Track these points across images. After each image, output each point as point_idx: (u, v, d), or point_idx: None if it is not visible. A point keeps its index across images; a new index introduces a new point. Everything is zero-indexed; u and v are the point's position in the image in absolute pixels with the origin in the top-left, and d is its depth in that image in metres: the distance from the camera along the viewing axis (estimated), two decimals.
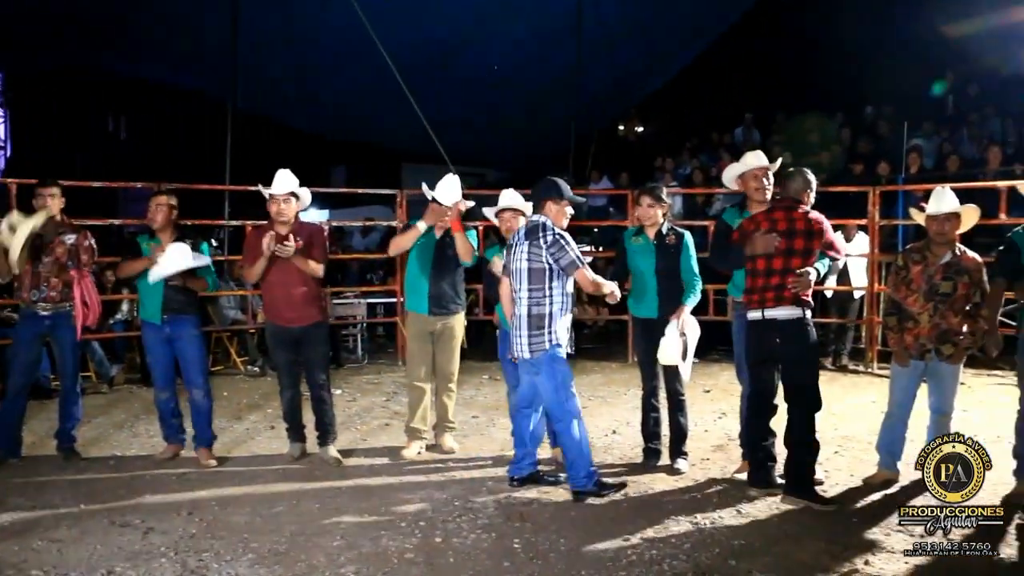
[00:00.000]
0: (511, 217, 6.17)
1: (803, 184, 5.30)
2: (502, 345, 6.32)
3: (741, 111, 16.66)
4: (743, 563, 4.34)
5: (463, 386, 9.13)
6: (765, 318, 5.23)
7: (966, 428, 6.83)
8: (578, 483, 5.33)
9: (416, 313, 6.43)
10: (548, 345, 5.25)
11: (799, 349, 5.25)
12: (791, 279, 5.12)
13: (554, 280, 5.23)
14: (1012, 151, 11.87)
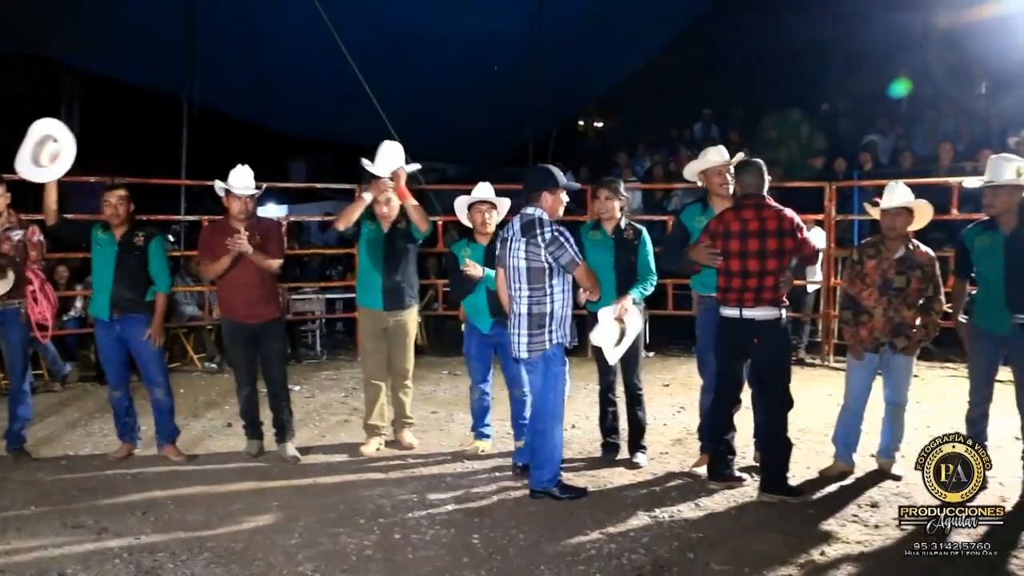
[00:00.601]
0: (486, 210, 6.16)
1: (758, 176, 5.28)
2: (468, 340, 6.30)
3: (700, 107, 16.75)
4: (701, 556, 4.37)
5: (422, 382, 9.12)
6: (743, 317, 5.23)
7: (920, 420, 7.01)
8: (540, 484, 5.27)
9: (369, 309, 6.37)
10: (548, 345, 5.17)
11: (775, 349, 5.29)
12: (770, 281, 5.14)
13: (554, 278, 5.12)
14: (964, 148, 12.06)
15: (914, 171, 11.00)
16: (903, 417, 5.75)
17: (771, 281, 5.16)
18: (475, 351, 6.28)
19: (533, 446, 5.35)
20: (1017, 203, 5.29)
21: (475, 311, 6.19)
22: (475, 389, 6.31)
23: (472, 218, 6.23)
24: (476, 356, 6.29)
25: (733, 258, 5.23)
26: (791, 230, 5.18)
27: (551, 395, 5.24)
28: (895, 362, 5.62)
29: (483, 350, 6.29)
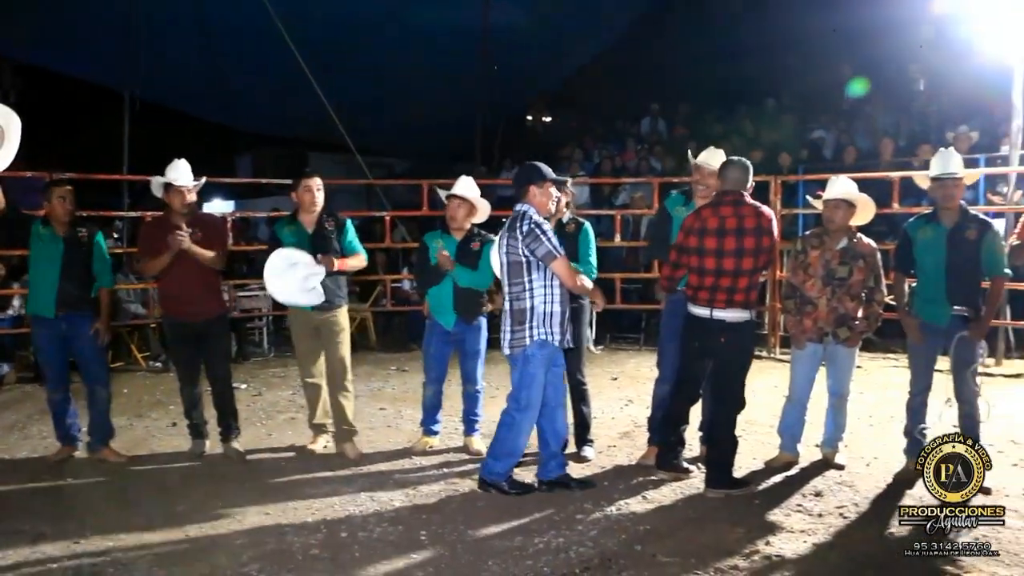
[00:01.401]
0: (456, 206, 6.13)
1: (743, 174, 5.25)
2: (428, 336, 6.25)
3: (647, 102, 16.85)
4: (648, 548, 4.39)
5: (371, 378, 9.07)
6: (713, 318, 5.22)
7: (862, 410, 7.13)
8: (491, 475, 5.23)
9: (298, 309, 6.24)
10: (528, 341, 5.04)
11: (739, 351, 5.31)
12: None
13: (533, 272, 5.01)
14: (904, 143, 12.28)
15: (857, 166, 11.21)
16: (846, 408, 5.84)
17: (745, 282, 5.14)
18: (434, 348, 6.23)
19: (496, 436, 5.26)
20: (960, 196, 5.40)
21: (439, 307, 6.14)
22: (429, 386, 6.27)
23: (447, 209, 6.20)
24: (435, 353, 6.24)
25: (708, 256, 5.16)
26: (769, 229, 5.14)
27: (525, 393, 5.11)
28: (838, 353, 5.70)
29: (442, 348, 6.24)
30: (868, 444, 6.31)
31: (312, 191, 6.08)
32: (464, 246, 6.13)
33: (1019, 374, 8.69)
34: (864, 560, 4.26)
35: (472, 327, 6.15)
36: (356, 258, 6.22)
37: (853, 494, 5.25)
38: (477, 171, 16.01)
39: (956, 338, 5.32)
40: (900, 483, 5.42)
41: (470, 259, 6.10)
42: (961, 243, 5.33)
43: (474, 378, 6.22)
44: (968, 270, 5.36)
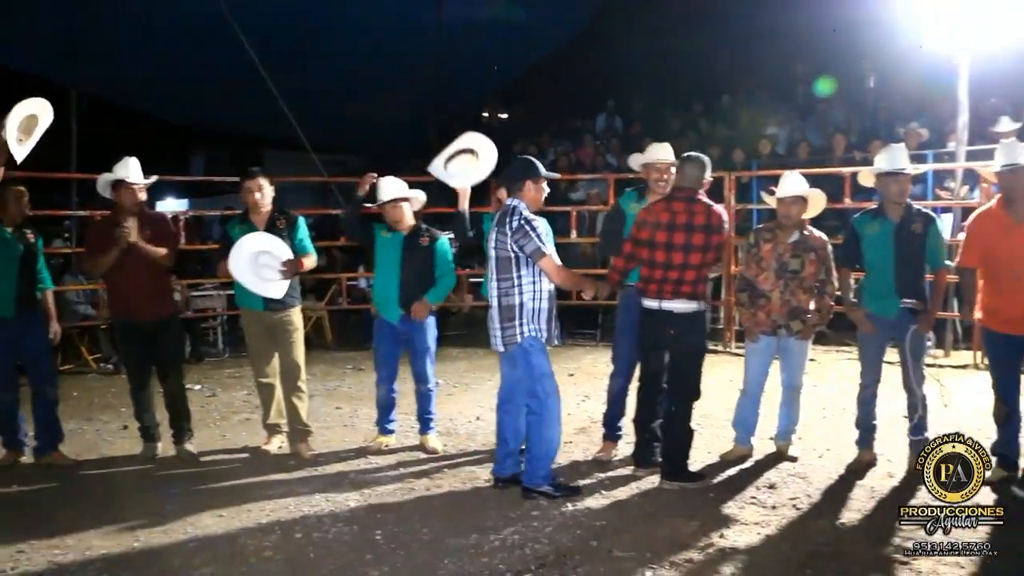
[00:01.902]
0: (393, 208, 6.08)
1: (700, 171, 5.31)
2: (377, 334, 6.21)
3: (603, 99, 16.91)
4: (604, 543, 4.40)
5: (326, 377, 9.02)
6: (662, 309, 5.26)
7: (816, 402, 7.22)
8: (534, 480, 5.09)
9: (250, 309, 6.16)
10: (520, 338, 4.99)
11: (690, 342, 5.32)
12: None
13: (522, 268, 4.96)
14: (855, 139, 12.46)
15: (809, 161, 11.33)
16: (799, 400, 5.91)
17: (692, 275, 5.18)
18: (384, 347, 6.20)
19: (529, 440, 5.14)
20: (907, 192, 5.48)
21: (385, 302, 6.11)
22: (381, 385, 6.23)
23: (386, 214, 6.14)
24: (385, 351, 6.21)
25: (658, 249, 5.21)
26: (719, 227, 5.20)
27: (539, 386, 5.04)
28: (791, 346, 5.76)
29: (392, 346, 6.20)
30: (821, 436, 6.39)
31: (253, 192, 6.02)
32: (411, 241, 6.10)
33: (966, 365, 8.85)
34: (816, 550, 4.30)
35: (419, 324, 6.11)
36: (308, 258, 6.16)
37: (806, 486, 5.31)
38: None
39: (910, 331, 5.40)
40: (852, 474, 5.50)
41: (419, 254, 6.08)
42: (908, 237, 5.41)
43: (425, 376, 6.19)
44: (915, 264, 5.44)
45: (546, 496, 5.04)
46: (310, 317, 11.46)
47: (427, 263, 6.13)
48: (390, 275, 6.07)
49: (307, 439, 6.17)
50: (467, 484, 5.43)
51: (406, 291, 6.05)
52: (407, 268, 6.07)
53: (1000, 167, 5.19)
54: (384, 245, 6.14)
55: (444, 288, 6.24)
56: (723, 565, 4.14)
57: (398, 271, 6.05)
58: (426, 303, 6.06)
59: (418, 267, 6.09)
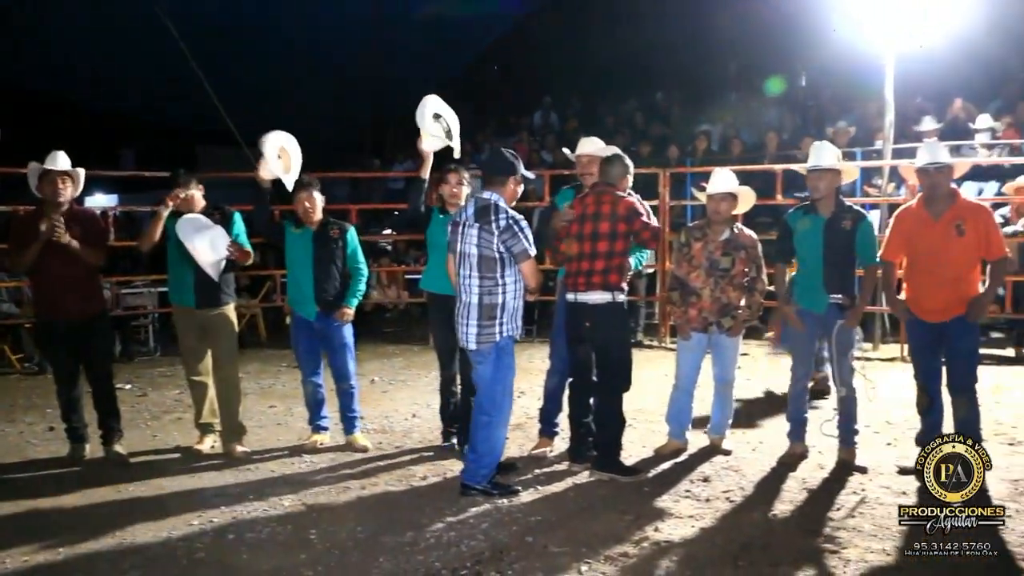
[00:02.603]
0: (305, 199, 6.00)
1: (621, 170, 5.42)
2: (295, 332, 6.14)
3: (540, 95, 16.95)
4: (540, 538, 4.41)
5: (260, 376, 8.90)
6: (578, 301, 5.33)
7: (748, 396, 7.32)
8: (475, 478, 5.07)
9: (182, 307, 6.06)
10: (498, 336, 4.96)
11: (608, 332, 5.36)
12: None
13: (507, 268, 4.91)
14: (787, 137, 12.69)
15: (742, 158, 11.52)
16: (731, 395, 6.00)
17: (601, 264, 5.25)
18: (303, 344, 6.13)
19: (474, 439, 5.11)
20: (836, 187, 5.59)
21: (300, 299, 6.03)
22: (307, 383, 6.17)
23: (298, 206, 6.06)
24: (305, 349, 6.14)
25: (573, 242, 5.33)
26: (625, 216, 5.26)
27: (499, 387, 5.04)
28: (722, 342, 5.84)
29: (311, 343, 6.13)
30: (754, 429, 6.50)
31: (177, 198, 5.94)
32: (322, 235, 6.04)
33: (894, 358, 9.07)
34: (748, 542, 4.37)
35: (335, 320, 6.05)
36: (247, 253, 6.08)
37: (739, 478, 5.39)
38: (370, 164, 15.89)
39: (836, 326, 5.51)
40: (784, 466, 5.60)
41: (330, 247, 6.03)
42: (837, 233, 5.51)
43: (346, 374, 6.12)
44: (843, 259, 5.54)
45: (485, 494, 5.04)
46: (244, 315, 11.30)
47: (340, 256, 6.08)
48: (303, 272, 6.00)
49: (240, 438, 6.08)
50: (403, 482, 5.40)
51: (321, 287, 5.98)
52: (320, 263, 6.00)
53: (920, 165, 5.33)
54: (295, 241, 6.04)
55: (359, 286, 6.17)
56: (657, 558, 4.18)
57: (311, 267, 5.98)
58: (347, 311, 6.05)
59: (331, 261, 6.03)
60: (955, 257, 5.21)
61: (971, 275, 5.27)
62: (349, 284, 6.13)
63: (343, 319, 6.05)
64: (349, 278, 6.14)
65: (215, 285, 5.92)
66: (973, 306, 5.19)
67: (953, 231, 5.19)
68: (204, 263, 5.76)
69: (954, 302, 5.21)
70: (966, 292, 5.22)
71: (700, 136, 13.02)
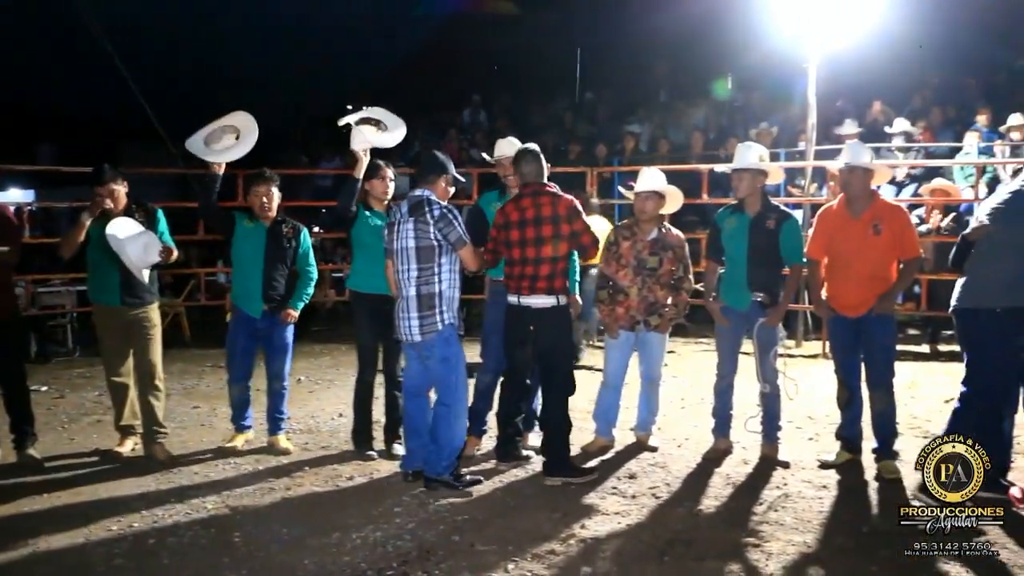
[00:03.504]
0: (263, 193, 5.90)
1: (535, 164, 5.33)
2: (235, 331, 6.02)
3: (469, 93, 16.93)
4: (467, 537, 4.40)
5: (184, 375, 8.74)
6: (520, 304, 5.30)
7: (675, 393, 7.43)
8: (437, 469, 5.10)
9: (104, 305, 5.90)
10: (440, 325, 5.01)
11: (552, 336, 5.33)
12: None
13: (442, 257, 5.00)
14: (713, 137, 12.88)
15: (670, 158, 11.66)
16: (658, 391, 6.07)
17: (546, 269, 5.21)
18: (242, 343, 6.02)
19: (434, 431, 5.11)
20: (760, 187, 5.68)
21: (246, 296, 5.93)
22: (235, 384, 6.07)
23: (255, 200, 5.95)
24: (242, 348, 6.03)
25: (514, 247, 5.27)
26: (568, 216, 5.22)
27: (453, 376, 5.08)
28: (649, 340, 5.90)
29: (250, 343, 6.03)
30: (680, 426, 6.58)
31: (104, 198, 5.74)
32: (275, 232, 5.97)
33: (816, 355, 9.27)
34: (674, 537, 4.41)
35: (279, 320, 5.99)
36: (172, 251, 5.94)
37: (665, 475, 5.45)
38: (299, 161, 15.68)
39: (757, 324, 5.60)
40: (709, 462, 5.69)
41: (282, 245, 5.96)
42: (761, 232, 5.61)
43: (282, 374, 6.07)
44: (767, 258, 5.64)
45: (448, 486, 5.06)
46: (167, 313, 11.07)
47: (290, 256, 6.02)
48: (253, 268, 5.90)
49: (163, 440, 5.94)
50: (329, 483, 5.34)
51: (270, 285, 5.91)
52: (271, 261, 5.93)
53: (843, 165, 5.47)
54: (246, 236, 5.94)
55: (307, 288, 6.12)
56: (584, 555, 4.20)
57: (262, 263, 5.90)
58: (293, 313, 6.01)
59: (282, 260, 5.97)
60: (872, 255, 5.36)
61: (887, 273, 5.42)
62: (296, 285, 6.04)
63: (288, 320, 5.97)
64: (296, 279, 6.05)
65: (139, 284, 5.77)
66: (879, 301, 5.34)
67: (871, 230, 5.33)
68: (135, 268, 5.62)
69: (869, 298, 5.36)
70: (881, 289, 5.38)
71: (628, 136, 13.13)
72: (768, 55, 11.76)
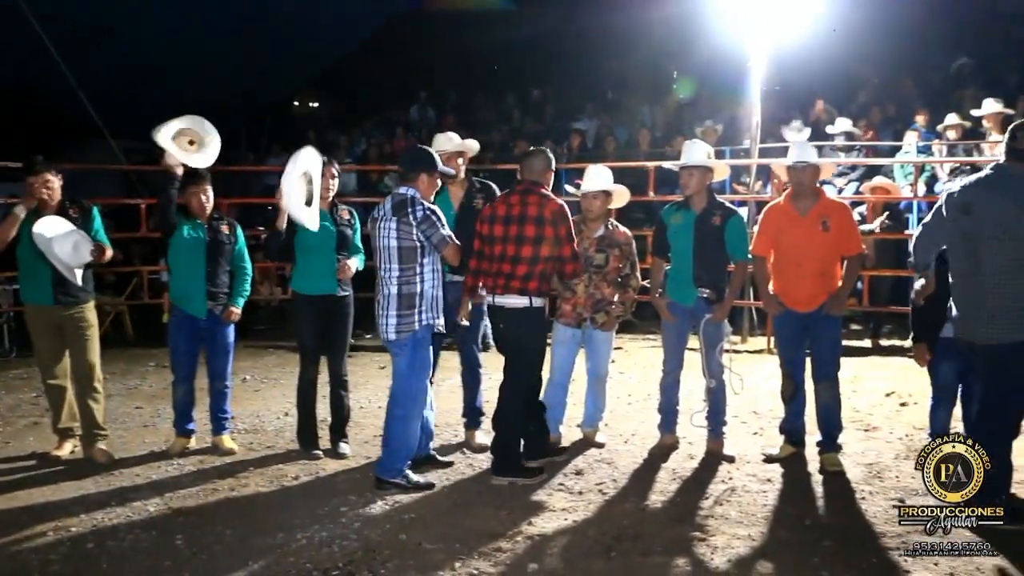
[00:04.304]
0: (199, 192, 5.80)
1: (543, 163, 5.37)
2: (176, 331, 5.90)
3: (416, 89, 16.86)
4: (414, 536, 4.38)
5: (126, 375, 8.58)
6: (495, 303, 5.26)
7: (622, 389, 7.47)
8: (389, 473, 5.05)
9: (36, 305, 5.75)
10: (417, 326, 4.97)
11: (521, 337, 5.28)
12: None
13: (425, 257, 4.97)
14: (660, 135, 12.98)
15: (616, 155, 11.72)
16: (605, 388, 6.09)
17: (523, 269, 5.15)
18: (184, 344, 5.90)
19: (388, 432, 5.07)
20: (707, 184, 5.73)
21: (188, 296, 5.82)
22: (179, 385, 5.95)
23: (191, 200, 5.84)
24: (185, 350, 5.91)
25: (495, 243, 5.23)
26: (554, 219, 5.17)
27: (414, 381, 5.04)
28: (596, 337, 5.91)
29: (193, 343, 5.93)
30: (627, 422, 6.61)
31: (38, 189, 5.60)
32: (214, 230, 5.89)
33: (761, 350, 9.39)
34: (621, 533, 4.44)
35: (224, 319, 5.90)
36: (107, 250, 5.82)
37: (612, 471, 5.47)
38: (244, 157, 15.47)
39: (703, 320, 5.65)
40: (656, 457, 5.73)
41: (222, 243, 5.89)
42: (707, 229, 5.66)
43: (224, 374, 5.99)
44: (713, 254, 5.69)
45: (400, 488, 5.03)
46: (109, 312, 10.86)
47: (230, 252, 5.95)
48: (195, 267, 5.80)
49: (103, 442, 5.81)
50: (274, 483, 5.28)
51: (213, 284, 5.83)
52: (212, 260, 5.84)
53: (791, 163, 5.55)
54: (185, 236, 5.84)
55: (244, 285, 6.03)
56: (531, 552, 4.21)
57: (203, 263, 5.81)
58: (235, 311, 5.92)
59: (221, 258, 5.89)
60: (820, 252, 5.45)
61: (834, 269, 5.52)
62: (235, 283, 5.98)
63: (230, 319, 5.90)
64: (234, 277, 5.98)
65: (74, 282, 5.63)
66: (831, 301, 5.43)
67: (819, 227, 5.43)
68: (64, 268, 5.49)
69: (818, 294, 5.45)
70: (830, 284, 5.47)
71: (574, 133, 13.16)
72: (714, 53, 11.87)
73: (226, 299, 5.92)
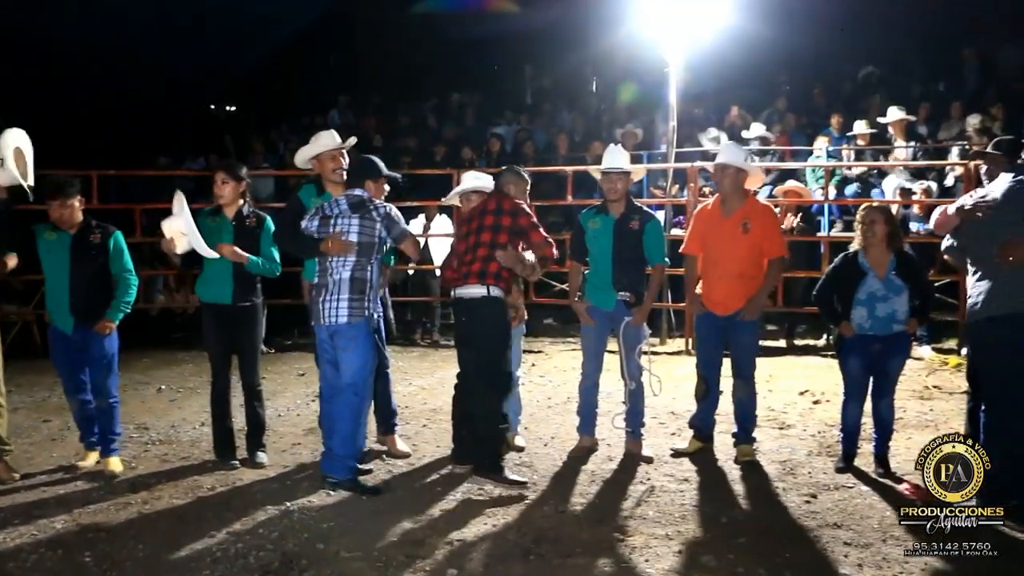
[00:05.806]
0: (60, 206, 5.53)
1: (511, 180, 5.53)
2: (53, 345, 5.65)
3: (336, 93, 16.72)
4: (332, 545, 4.32)
5: (34, 387, 8.29)
6: (456, 296, 5.27)
7: (543, 392, 7.49)
8: (342, 471, 5.08)
9: None
10: (365, 313, 5.07)
11: (482, 328, 5.21)
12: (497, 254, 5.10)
13: (376, 254, 5.17)
14: (578, 139, 13.10)
15: (536, 159, 11.78)
16: (519, 391, 6.03)
17: (482, 252, 5.14)
18: (61, 358, 5.65)
19: (331, 427, 5.09)
20: (626, 189, 5.80)
21: (56, 310, 5.58)
22: (72, 399, 5.71)
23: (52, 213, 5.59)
24: (63, 364, 5.66)
25: (460, 241, 5.37)
26: (511, 210, 5.22)
27: (366, 371, 5.13)
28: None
29: (70, 357, 5.64)
30: (546, 425, 6.63)
31: None
32: (81, 241, 5.59)
33: (679, 351, 9.53)
34: (540, 535, 4.45)
35: (95, 332, 5.59)
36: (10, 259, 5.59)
37: (532, 473, 5.48)
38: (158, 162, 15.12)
39: (623, 323, 5.71)
40: (575, 460, 5.76)
41: (90, 254, 5.58)
42: (625, 233, 5.72)
43: (105, 389, 5.66)
44: (631, 258, 5.76)
45: (351, 487, 5.06)
46: (16, 321, 10.50)
47: (102, 263, 5.62)
48: (58, 280, 5.54)
49: (7, 457, 5.57)
50: (189, 494, 5.15)
51: (78, 297, 5.53)
52: (77, 271, 5.53)
53: (716, 164, 5.69)
54: (50, 248, 5.56)
55: (125, 296, 5.67)
56: (451, 557, 4.19)
57: (67, 275, 5.52)
58: (109, 325, 5.59)
59: (91, 269, 5.57)
60: (740, 253, 5.58)
61: (756, 272, 5.65)
62: (115, 293, 5.66)
63: (103, 332, 5.57)
64: (115, 287, 5.69)
65: None
66: (747, 306, 5.55)
67: (740, 229, 5.54)
68: None
69: (737, 295, 5.58)
70: (749, 287, 5.60)
71: (493, 138, 13.19)
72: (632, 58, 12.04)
73: (98, 311, 5.59)
